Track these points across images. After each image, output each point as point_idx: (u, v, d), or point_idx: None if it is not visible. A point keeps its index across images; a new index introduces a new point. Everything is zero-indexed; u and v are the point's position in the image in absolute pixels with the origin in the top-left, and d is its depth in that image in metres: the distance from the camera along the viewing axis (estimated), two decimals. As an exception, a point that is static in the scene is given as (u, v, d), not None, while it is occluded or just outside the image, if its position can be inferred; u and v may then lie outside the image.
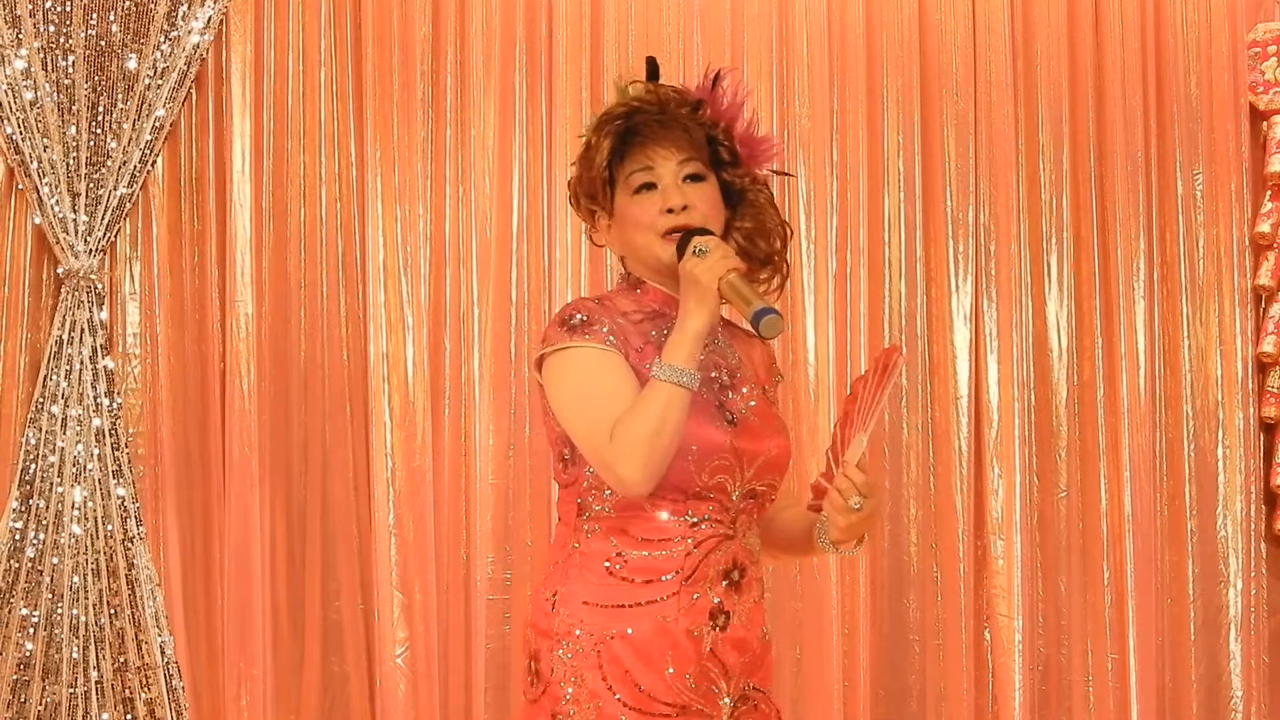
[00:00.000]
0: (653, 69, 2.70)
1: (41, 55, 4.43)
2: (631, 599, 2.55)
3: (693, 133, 2.63)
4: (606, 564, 2.57)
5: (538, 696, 2.60)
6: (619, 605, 2.55)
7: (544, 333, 2.64)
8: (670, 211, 2.58)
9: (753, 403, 2.64)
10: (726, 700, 2.57)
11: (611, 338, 2.55)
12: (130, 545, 4.42)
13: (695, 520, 2.57)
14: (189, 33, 4.52)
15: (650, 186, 2.61)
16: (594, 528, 2.60)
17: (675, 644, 2.54)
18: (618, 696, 2.52)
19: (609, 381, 2.53)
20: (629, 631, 2.54)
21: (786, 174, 2.77)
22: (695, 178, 2.62)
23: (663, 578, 2.55)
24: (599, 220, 2.69)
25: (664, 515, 2.57)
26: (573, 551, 2.62)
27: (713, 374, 2.62)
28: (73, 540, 4.39)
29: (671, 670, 2.53)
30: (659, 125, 2.61)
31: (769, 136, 2.73)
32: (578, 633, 2.55)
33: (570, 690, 2.54)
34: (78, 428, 4.42)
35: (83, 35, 4.45)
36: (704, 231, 2.58)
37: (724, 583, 2.58)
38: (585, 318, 2.57)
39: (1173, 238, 4.85)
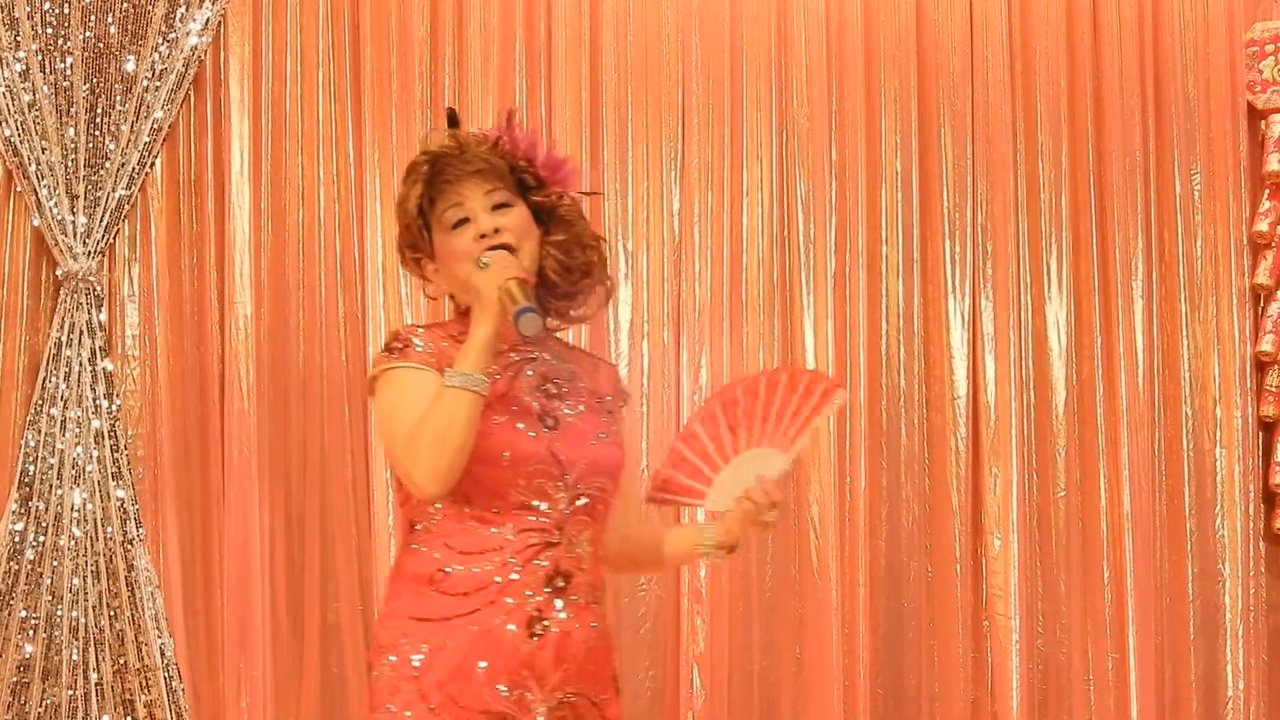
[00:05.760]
0: (452, 118, 2.82)
1: (40, 57, 4.43)
2: (451, 611, 2.61)
3: (495, 165, 2.75)
4: (431, 578, 2.64)
5: (369, 713, 2.68)
6: (441, 619, 2.61)
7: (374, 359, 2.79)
8: (484, 237, 2.69)
9: (580, 408, 2.73)
10: (541, 705, 2.61)
11: (428, 358, 2.66)
12: (130, 547, 4.42)
13: (516, 530, 2.63)
14: (187, 34, 4.52)
15: (464, 221, 2.72)
16: (420, 543, 2.68)
17: (489, 653, 2.59)
18: (431, 707, 2.58)
19: (416, 397, 2.62)
20: (446, 644, 2.60)
21: (594, 193, 2.95)
22: (503, 205, 2.73)
23: (481, 589, 2.61)
24: (426, 268, 2.79)
25: (485, 527, 2.64)
26: (403, 568, 2.71)
27: (542, 385, 2.72)
28: (72, 542, 4.39)
29: (483, 679, 2.58)
30: (462, 163, 2.73)
31: (569, 158, 2.86)
32: (400, 646, 2.62)
33: (391, 705, 2.61)
34: (77, 430, 4.42)
35: (81, 37, 4.45)
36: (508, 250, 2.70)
37: (545, 590, 2.62)
38: (404, 341, 2.70)
39: (1171, 237, 4.85)
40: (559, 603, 2.62)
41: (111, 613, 4.39)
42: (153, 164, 4.54)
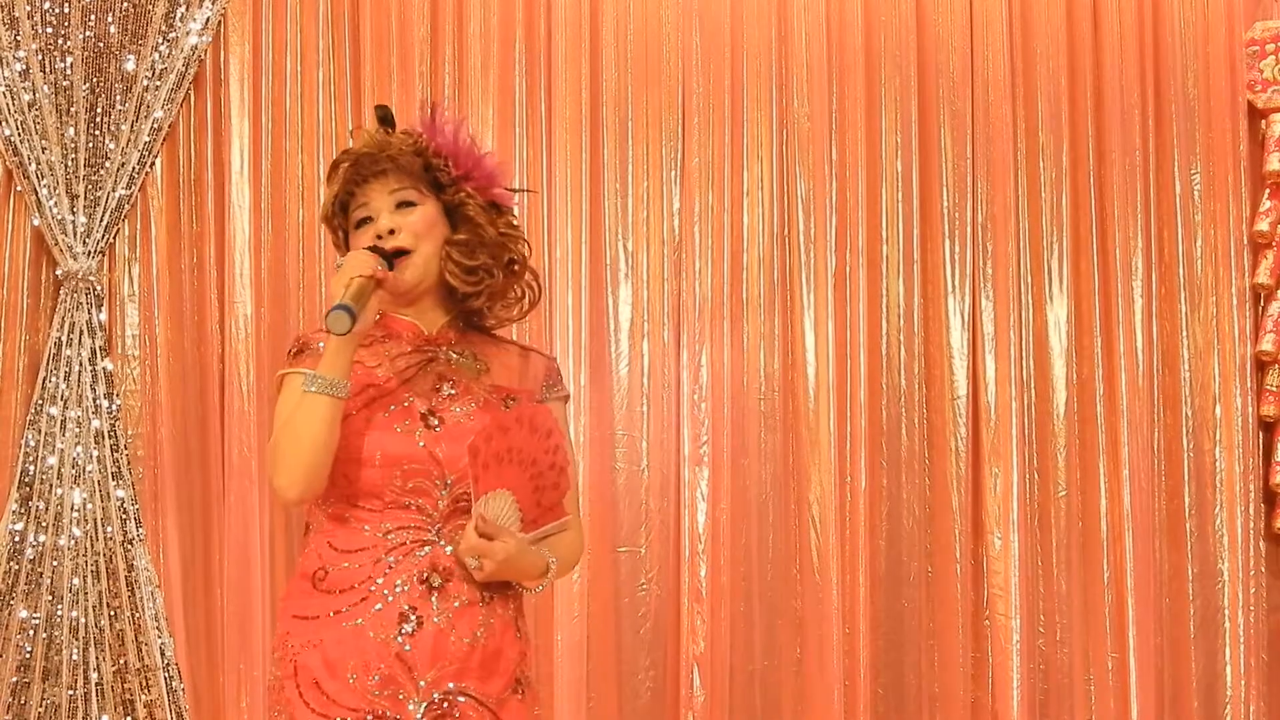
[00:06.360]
0: (384, 116, 2.85)
1: (40, 57, 4.43)
2: (326, 609, 2.65)
3: (405, 164, 2.78)
4: (313, 577, 2.68)
5: (267, 710, 2.73)
6: (315, 616, 2.65)
7: None
8: (380, 237, 2.74)
9: (473, 407, 2.73)
10: (415, 703, 2.62)
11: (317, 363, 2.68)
12: (130, 547, 4.42)
13: (391, 528, 2.66)
14: (187, 34, 4.52)
15: (368, 220, 2.77)
16: (310, 543, 2.74)
17: (360, 650, 2.62)
18: (306, 702, 2.62)
19: (292, 402, 2.67)
20: (322, 641, 2.63)
21: (527, 190, 2.93)
22: (406, 204, 2.77)
23: (356, 585, 2.64)
24: None
25: (361, 525, 2.67)
26: (296, 568, 2.76)
27: (436, 385, 2.73)
28: (72, 542, 4.39)
29: (354, 677, 2.61)
30: (371, 163, 2.77)
31: (489, 154, 2.87)
32: (284, 644, 2.68)
33: (277, 704, 2.66)
34: (77, 429, 4.42)
35: (81, 37, 4.45)
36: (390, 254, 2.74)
37: (421, 587, 2.64)
38: (299, 346, 2.76)
39: (1171, 236, 4.85)
40: (435, 600, 2.64)
41: (111, 613, 4.39)
42: (153, 164, 4.54)
